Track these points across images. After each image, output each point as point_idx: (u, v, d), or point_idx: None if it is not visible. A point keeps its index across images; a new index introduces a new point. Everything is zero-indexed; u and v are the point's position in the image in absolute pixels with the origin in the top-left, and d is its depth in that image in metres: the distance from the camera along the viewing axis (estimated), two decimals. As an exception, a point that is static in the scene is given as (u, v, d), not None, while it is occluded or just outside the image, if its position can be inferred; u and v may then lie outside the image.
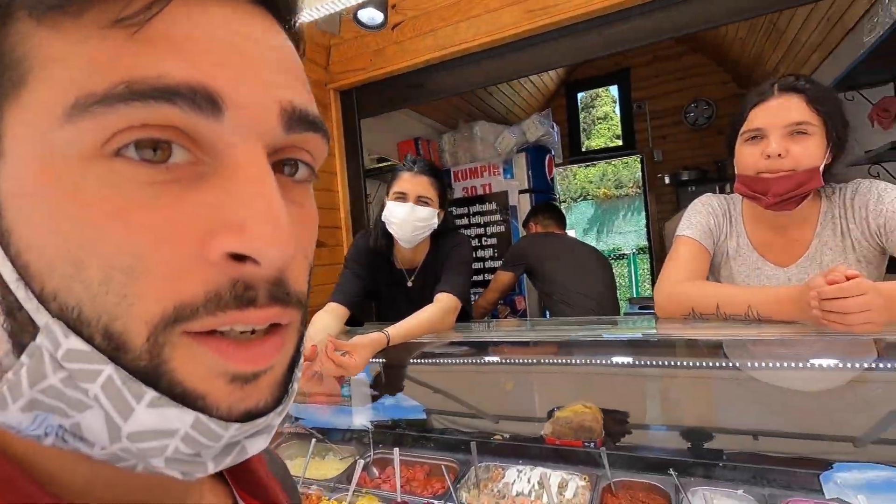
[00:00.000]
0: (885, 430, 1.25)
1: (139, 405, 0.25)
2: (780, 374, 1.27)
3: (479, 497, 1.43)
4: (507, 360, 1.69)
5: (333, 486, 1.59)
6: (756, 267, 1.26)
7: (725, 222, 1.30)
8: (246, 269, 0.26)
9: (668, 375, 1.56)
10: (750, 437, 1.43)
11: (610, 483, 1.39)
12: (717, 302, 1.12)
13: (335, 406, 2.07)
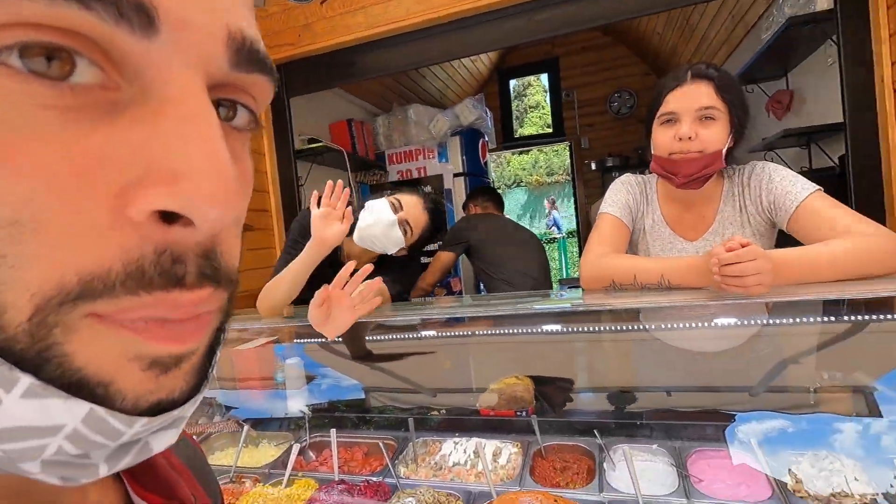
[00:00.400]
0: (773, 379, 1.42)
1: (8, 395, 0.19)
2: (687, 336, 1.40)
3: (417, 470, 1.46)
4: (445, 335, 1.72)
5: (268, 473, 1.55)
6: (668, 241, 1.38)
7: (642, 200, 1.41)
8: (174, 233, 0.21)
9: (593, 343, 1.66)
10: (664, 394, 1.57)
11: (540, 448, 1.47)
12: (634, 273, 1.21)
13: (268, 392, 2.01)
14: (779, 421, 1.41)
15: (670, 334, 1.42)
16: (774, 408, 1.47)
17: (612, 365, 1.69)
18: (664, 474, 1.31)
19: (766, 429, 1.42)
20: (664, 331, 1.40)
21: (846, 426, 1.32)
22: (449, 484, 1.36)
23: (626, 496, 1.22)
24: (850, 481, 1.13)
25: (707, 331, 1.33)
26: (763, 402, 1.46)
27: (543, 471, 1.39)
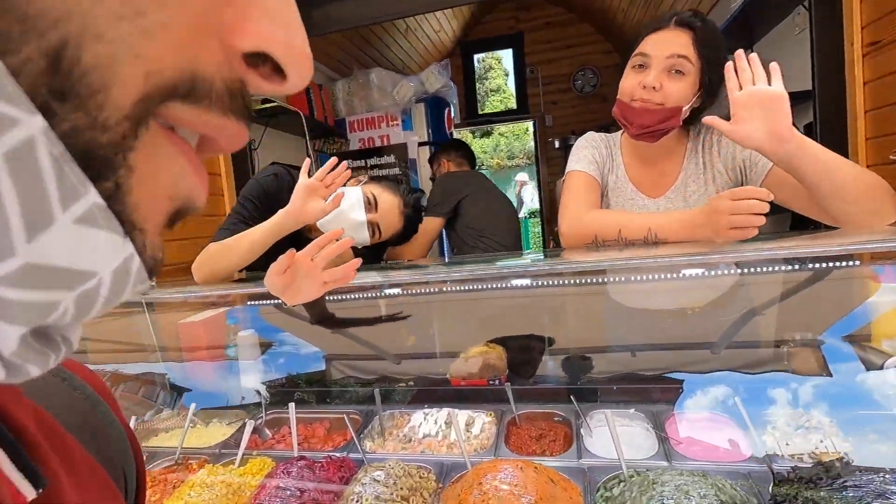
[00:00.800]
0: (737, 335, 1.41)
1: (64, 213, 0.16)
2: (665, 292, 1.36)
3: (385, 444, 1.36)
4: (411, 294, 1.61)
5: (219, 454, 1.41)
6: (630, 198, 1.33)
7: (607, 156, 1.36)
8: (263, 82, 0.23)
9: (566, 304, 1.60)
10: (636, 355, 1.54)
11: (514, 416, 1.40)
12: (619, 227, 1.14)
13: (219, 367, 1.85)
14: (748, 381, 1.40)
15: (646, 290, 1.38)
16: (747, 366, 1.47)
17: (585, 327, 1.64)
18: (642, 438, 1.27)
19: (737, 389, 1.41)
20: (639, 285, 1.35)
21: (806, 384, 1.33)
22: (420, 456, 1.27)
23: (605, 461, 1.17)
24: (831, 437, 1.12)
25: (686, 284, 1.29)
26: (739, 360, 1.46)
27: (519, 439, 1.32)
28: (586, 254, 1.25)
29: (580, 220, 1.23)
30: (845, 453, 1.09)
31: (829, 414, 1.23)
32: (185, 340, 1.87)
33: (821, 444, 1.14)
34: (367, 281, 1.44)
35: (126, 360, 1.80)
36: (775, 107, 1.00)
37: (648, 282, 1.28)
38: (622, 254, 1.12)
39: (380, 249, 1.70)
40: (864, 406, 1.20)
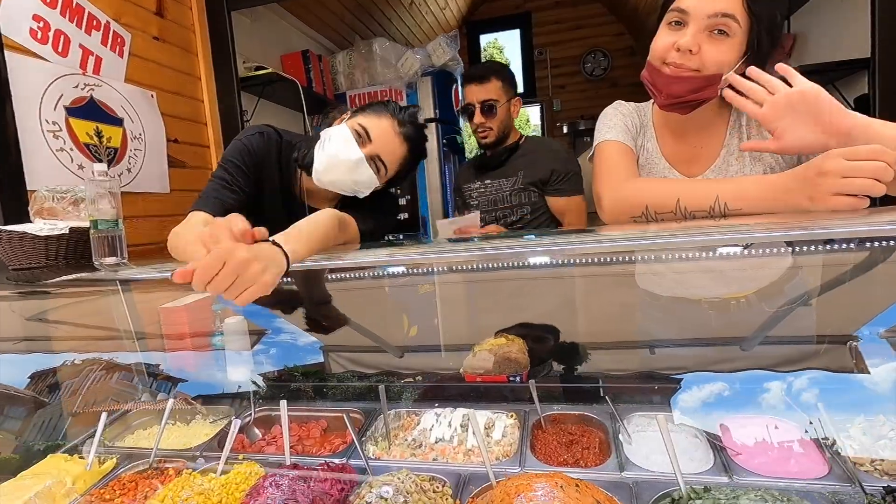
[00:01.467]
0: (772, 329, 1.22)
1: None
2: (716, 277, 1.17)
3: (390, 449, 1.18)
4: (415, 272, 1.43)
5: (200, 455, 1.23)
6: (663, 176, 1.16)
7: (639, 127, 1.19)
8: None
9: (597, 288, 1.42)
10: (683, 350, 1.35)
11: (540, 418, 1.22)
12: (677, 196, 0.95)
13: (204, 357, 1.66)
14: (826, 381, 1.21)
15: (691, 274, 1.19)
16: (778, 364, 1.29)
17: (617, 316, 1.45)
18: (692, 447, 1.09)
19: (807, 390, 1.23)
20: (684, 264, 1.16)
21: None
22: (433, 465, 1.09)
23: (653, 475, 0.99)
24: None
25: (747, 265, 1.10)
26: (769, 358, 1.28)
27: (547, 446, 1.14)
28: (629, 230, 1.06)
29: (626, 189, 1.04)
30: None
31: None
32: (167, 327, 1.68)
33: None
34: (365, 260, 1.25)
35: (100, 348, 1.61)
36: (810, 102, 0.86)
37: (701, 262, 1.09)
38: (668, 228, 0.93)
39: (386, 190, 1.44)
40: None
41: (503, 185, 2.04)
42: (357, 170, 1.27)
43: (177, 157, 2.03)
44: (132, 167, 1.82)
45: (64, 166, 1.58)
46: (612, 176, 1.09)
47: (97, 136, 1.67)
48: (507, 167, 2.02)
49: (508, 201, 2.03)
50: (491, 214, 2.08)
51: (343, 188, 1.32)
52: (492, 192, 2.07)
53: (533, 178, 1.97)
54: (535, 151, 2.01)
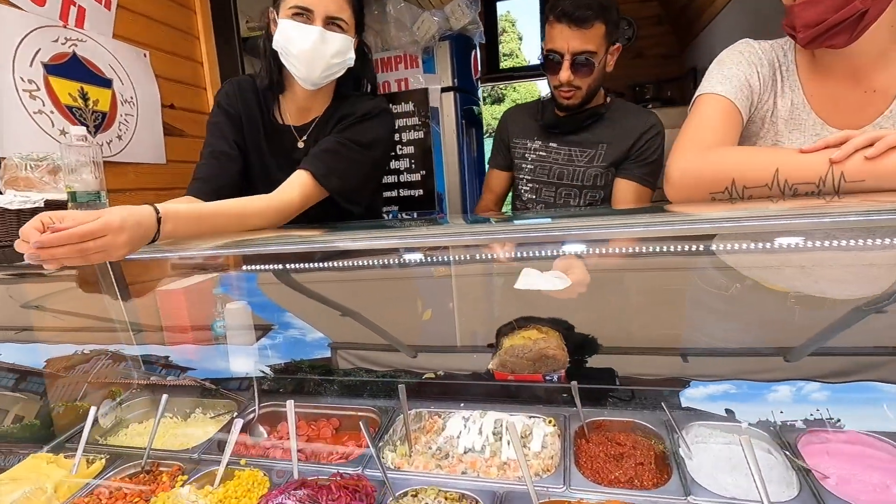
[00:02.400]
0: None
1: None
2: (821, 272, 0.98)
3: (412, 457, 1.03)
4: (430, 261, 1.26)
5: (198, 459, 1.10)
6: (815, 133, 0.92)
7: (773, 76, 0.94)
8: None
9: (652, 280, 1.24)
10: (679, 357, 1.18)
11: (583, 425, 1.07)
12: (775, 166, 0.76)
13: (204, 347, 1.52)
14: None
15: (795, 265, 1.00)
16: (826, 375, 1.11)
17: (676, 311, 1.28)
18: (766, 466, 0.93)
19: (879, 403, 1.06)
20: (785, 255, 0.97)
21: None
22: (461, 480, 0.94)
23: (725, 501, 0.83)
24: None
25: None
26: (816, 369, 1.10)
27: (594, 460, 0.98)
28: (703, 209, 0.88)
29: (706, 159, 0.85)
30: None
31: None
32: (164, 312, 1.54)
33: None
34: (376, 244, 1.08)
35: (91, 338, 1.48)
36: None
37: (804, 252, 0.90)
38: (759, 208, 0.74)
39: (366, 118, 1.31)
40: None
41: (577, 156, 1.55)
42: (327, 44, 1.19)
43: (174, 125, 1.85)
44: (123, 134, 1.65)
45: (43, 131, 1.41)
46: (695, 140, 0.89)
47: (82, 97, 1.50)
48: (588, 134, 1.53)
49: (580, 179, 1.56)
50: (549, 189, 1.61)
51: (332, 72, 1.24)
52: (559, 162, 1.58)
53: (617, 155, 1.50)
54: (627, 119, 1.52)
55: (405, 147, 2.87)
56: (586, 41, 1.37)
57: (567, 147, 1.55)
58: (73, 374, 1.38)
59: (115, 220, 0.77)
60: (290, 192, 1.16)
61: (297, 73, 1.21)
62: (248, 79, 1.36)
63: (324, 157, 1.22)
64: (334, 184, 1.21)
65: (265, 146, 1.34)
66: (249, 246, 1.07)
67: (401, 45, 2.81)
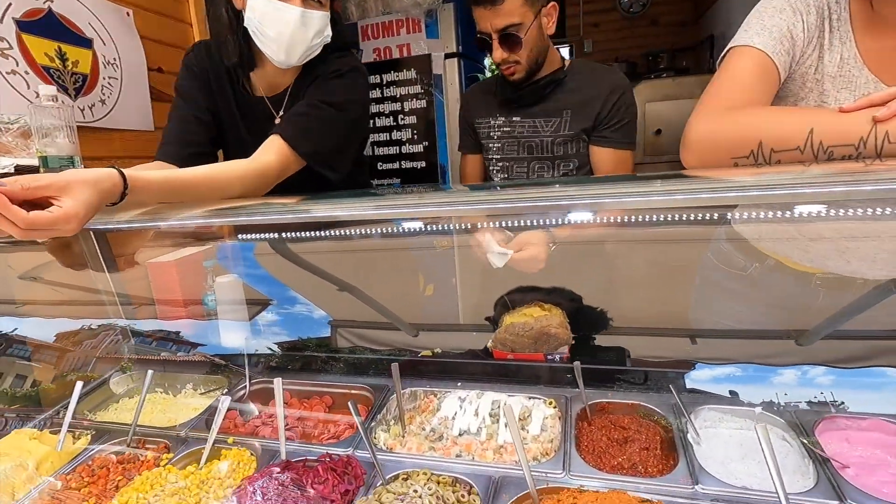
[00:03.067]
0: None
1: None
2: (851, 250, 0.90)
3: (405, 439, 0.99)
4: (431, 230, 1.19)
5: (185, 437, 1.06)
6: (867, 92, 0.82)
7: (820, 26, 0.84)
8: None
9: (656, 258, 1.17)
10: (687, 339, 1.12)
11: (585, 407, 1.01)
12: (811, 127, 0.67)
13: (194, 322, 1.47)
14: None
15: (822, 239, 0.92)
16: (839, 360, 1.04)
17: (687, 289, 1.21)
18: (781, 454, 0.87)
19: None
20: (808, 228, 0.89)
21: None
22: (455, 463, 0.89)
23: (739, 493, 0.77)
24: None
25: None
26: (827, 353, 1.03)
27: (596, 444, 0.93)
28: (721, 174, 0.79)
29: (731, 120, 0.76)
30: None
31: None
32: (155, 285, 1.49)
33: None
34: (366, 214, 1.00)
35: (77, 312, 1.43)
36: None
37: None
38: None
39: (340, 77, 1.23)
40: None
41: (542, 127, 1.49)
42: (307, 26, 1.11)
43: (161, 90, 1.77)
44: (106, 99, 1.57)
45: (18, 92, 1.34)
46: (720, 99, 0.80)
47: (60, 58, 1.41)
48: (550, 103, 1.46)
49: (550, 150, 1.49)
50: (520, 165, 1.55)
51: (311, 52, 1.17)
52: (524, 136, 1.52)
53: (585, 121, 1.43)
54: (588, 82, 1.44)
55: (406, 117, 2.77)
56: (506, 16, 1.32)
57: (531, 119, 1.49)
58: (65, 348, 1.34)
59: (74, 213, 0.69)
60: (267, 156, 1.09)
61: (275, 57, 1.13)
62: (221, 43, 1.25)
63: (295, 120, 1.14)
64: (307, 147, 1.13)
65: (238, 116, 1.27)
66: (243, 215, 1.01)
67: (402, 7, 2.67)
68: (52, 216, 0.67)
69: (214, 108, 1.26)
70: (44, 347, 1.39)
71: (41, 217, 0.66)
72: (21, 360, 1.34)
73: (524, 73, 1.42)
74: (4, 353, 1.28)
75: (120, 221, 0.95)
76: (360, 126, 1.33)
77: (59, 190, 0.69)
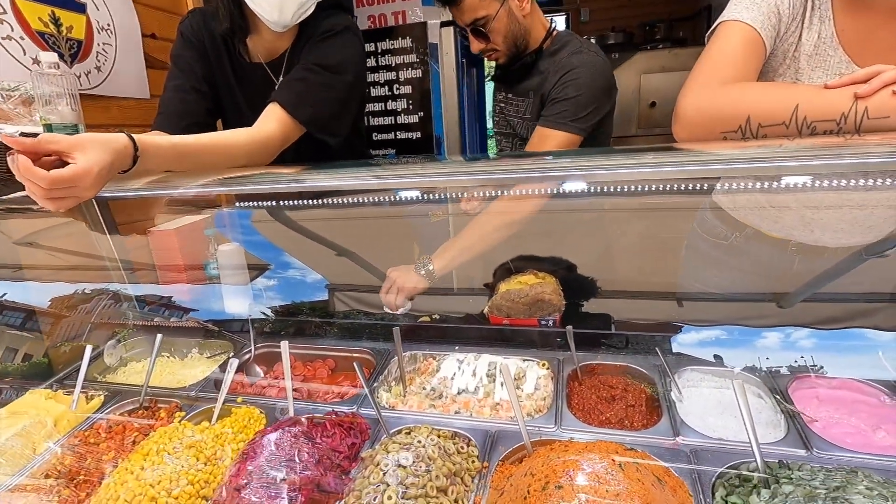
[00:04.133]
0: None
1: None
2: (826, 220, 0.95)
3: (406, 397, 1.05)
4: (427, 199, 1.22)
5: (195, 397, 1.11)
6: (839, 73, 0.86)
7: (803, 3, 0.86)
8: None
9: (646, 227, 1.22)
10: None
11: (576, 368, 1.07)
12: (796, 103, 0.71)
13: (198, 288, 1.51)
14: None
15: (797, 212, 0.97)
16: (819, 322, 1.11)
17: (672, 257, 1.26)
18: (756, 410, 0.94)
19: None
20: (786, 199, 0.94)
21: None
22: (454, 419, 0.95)
23: (715, 443, 0.84)
24: None
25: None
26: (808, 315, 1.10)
27: (585, 401, 1.00)
28: (706, 147, 0.83)
29: (722, 95, 0.79)
30: None
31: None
32: (157, 253, 1.51)
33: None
34: (362, 183, 1.03)
35: (86, 278, 1.46)
36: None
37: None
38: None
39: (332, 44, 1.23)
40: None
41: (519, 106, 1.50)
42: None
43: (156, 57, 1.75)
44: (102, 66, 1.55)
45: (15, 58, 1.33)
46: (711, 75, 0.83)
47: (54, 22, 1.39)
48: (523, 83, 1.47)
49: (524, 130, 1.50)
50: (507, 142, 1.60)
51: (304, 10, 1.15)
52: (511, 113, 1.54)
53: (539, 104, 1.42)
54: (553, 62, 1.39)
55: (402, 87, 2.75)
56: (469, 12, 1.34)
57: (516, 97, 1.51)
58: (77, 314, 1.37)
59: (89, 167, 0.71)
60: (269, 125, 1.10)
61: (268, 17, 1.12)
62: (215, 10, 1.25)
63: (292, 85, 1.15)
64: (306, 114, 1.14)
65: (235, 85, 1.26)
66: (245, 184, 1.03)
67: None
68: (71, 171, 0.69)
69: (211, 77, 1.26)
70: (51, 314, 1.42)
71: (62, 174, 0.68)
72: (30, 331, 1.37)
73: (505, 58, 1.44)
74: (23, 327, 1.31)
75: (129, 189, 0.98)
76: (357, 89, 1.31)
77: (70, 146, 0.71)
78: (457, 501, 0.74)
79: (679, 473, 0.77)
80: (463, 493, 0.76)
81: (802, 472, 0.73)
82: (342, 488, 0.78)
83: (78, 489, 0.86)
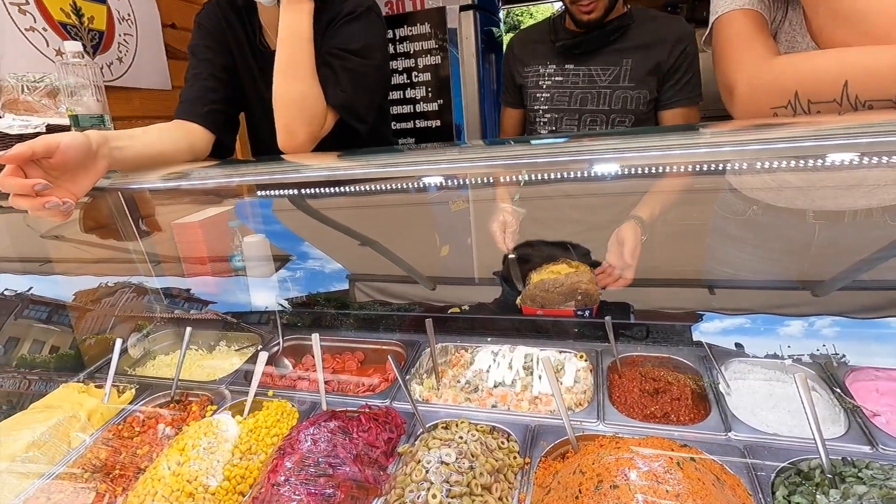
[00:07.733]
0: None
1: None
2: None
3: (440, 391, 1.02)
4: (448, 185, 1.18)
5: (224, 393, 1.10)
6: None
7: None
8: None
9: (678, 212, 1.16)
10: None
11: (616, 360, 1.03)
12: (846, 77, 0.65)
13: (223, 280, 1.50)
14: None
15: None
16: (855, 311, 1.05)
17: (703, 243, 1.21)
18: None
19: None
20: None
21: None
22: (492, 413, 0.92)
23: (771, 439, 0.80)
24: None
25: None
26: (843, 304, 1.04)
27: (628, 395, 0.96)
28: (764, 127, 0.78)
29: (768, 70, 0.74)
30: None
31: None
32: (181, 245, 1.50)
33: None
34: (374, 171, 0.99)
35: (112, 272, 1.46)
36: None
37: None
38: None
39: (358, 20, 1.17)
40: None
41: (599, 76, 1.37)
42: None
43: (177, 47, 1.73)
44: (123, 57, 1.54)
45: (38, 50, 1.31)
46: (751, 51, 0.78)
47: (75, 13, 1.38)
48: (610, 50, 1.34)
49: (606, 103, 1.37)
50: (571, 118, 1.43)
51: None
52: (579, 86, 1.39)
53: (646, 73, 1.32)
54: (650, 30, 1.32)
55: (421, 74, 2.69)
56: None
57: (587, 67, 1.37)
58: (102, 307, 1.37)
59: (56, 137, 0.72)
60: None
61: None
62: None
63: (322, 74, 1.10)
64: (339, 98, 1.10)
65: (257, 73, 1.23)
66: (266, 174, 1.01)
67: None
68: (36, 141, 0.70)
69: (231, 65, 1.23)
70: (76, 308, 1.42)
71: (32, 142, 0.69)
72: (60, 325, 1.37)
73: (602, 12, 1.29)
74: (50, 321, 1.31)
75: (154, 181, 0.96)
76: (384, 72, 1.27)
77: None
78: (501, 499, 0.71)
79: (734, 471, 0.73)
80: (507, 490, 0.73)
81: (872, 471, 0.68)
82: (381, 484, 0.76)
83: (114, 483, 0.86)
